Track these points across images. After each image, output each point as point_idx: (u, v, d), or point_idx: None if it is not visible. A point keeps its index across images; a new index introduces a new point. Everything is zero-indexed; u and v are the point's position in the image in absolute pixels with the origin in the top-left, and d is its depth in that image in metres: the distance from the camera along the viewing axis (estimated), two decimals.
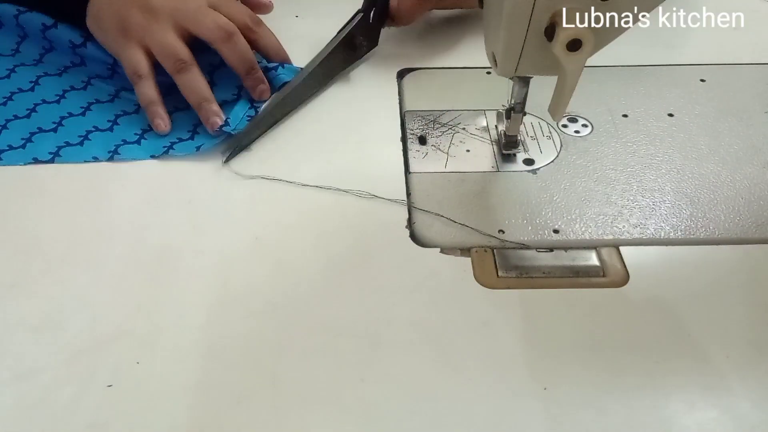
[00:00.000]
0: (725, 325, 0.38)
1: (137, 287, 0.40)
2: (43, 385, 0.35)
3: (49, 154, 0.48)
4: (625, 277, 0.40)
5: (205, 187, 0.46)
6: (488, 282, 0.40)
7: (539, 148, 0.49)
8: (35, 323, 0.38)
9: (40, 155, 0.48)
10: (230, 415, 0.34)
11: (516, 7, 0.38)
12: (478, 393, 0.35)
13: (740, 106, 0.53)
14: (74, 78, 0.54)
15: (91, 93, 0.53)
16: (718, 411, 0.34)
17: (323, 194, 0.46)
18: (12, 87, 0.53)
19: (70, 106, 0.52)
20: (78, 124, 0.50)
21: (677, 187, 0.46)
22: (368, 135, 0.50)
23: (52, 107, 0.52)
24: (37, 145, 0.48)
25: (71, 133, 0.50)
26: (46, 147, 0.48)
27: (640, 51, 0.58)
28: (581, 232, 0.43)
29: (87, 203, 0.45)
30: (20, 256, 0.42)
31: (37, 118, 0.51)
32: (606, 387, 0.35)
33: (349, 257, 0.42)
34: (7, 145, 0.48)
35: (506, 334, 0.37)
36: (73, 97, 0.53)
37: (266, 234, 0.43)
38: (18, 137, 0.49)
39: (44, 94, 0.53)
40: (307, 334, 0.37)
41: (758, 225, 0.43)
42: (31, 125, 0.50)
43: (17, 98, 0.52)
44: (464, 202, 0.45)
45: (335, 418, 0.34)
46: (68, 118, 0.51)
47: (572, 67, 0.39)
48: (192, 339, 0.37)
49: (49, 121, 0.50)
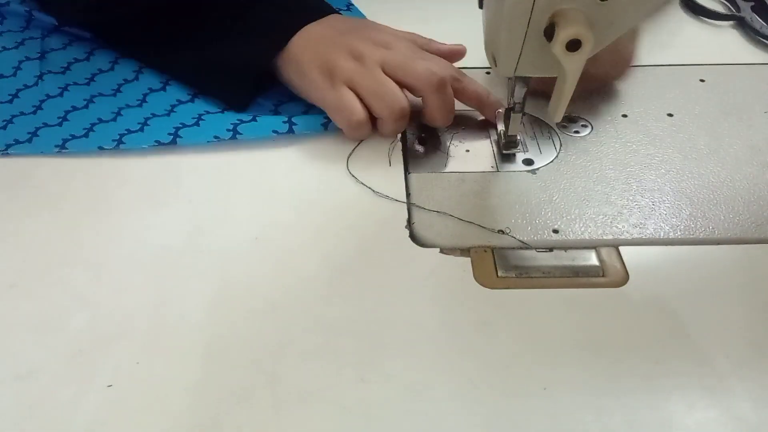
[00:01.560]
0: (725, 325, 0.38)
1: (137, 287, 0.40)
2: (43, 385, 0.35)
3: (112, 142, 0.49)
4: (625, 277, 0.40)
5: (206, 187, 0.46)
6: (488, 282, 0.40)
7: (539, 148, 0.49)
8: (35, 323, 0.38)
9: (104, 143, 0.49)
10: (230, 415, 0.34)
11: (516, 7, 0.38)
12: (478, 393, 0.35)
13: (740, 106, 0.53)
14: (126, 70, 0.55)
15: (143, 83, 0.54)
16: (717, 411, 0.34)
17: (323, 194, 0.46)
18: (68, 80, 0.54)
19: (127, 98, 0.53)
20: (136, 112, 0.51)
21: (677, 187, 0.46)
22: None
23: (109, 99, 0.53)
24: (99, 134, 0.49)
25: (131, 120, 0.50)
26: (109, 135, 0.49)
27: (640, 51, 0.58)
28: (581, 232, 0.43)
29: (87, 202, 0.45)
30: (20, 255, 0.42)
31: (95, 108, 0.52)
32: (606, 387, 0.35)
33: (349, 257, 0.42)
34: (70, 134, 0.49)
35: (506, 334, 0.37)
36: (128, 89, 0.54)
37: (266, 234, 0.43)
38: (80, 127, 0.50)
39: (100, 88, 0.54)
40: (307, 334, 0.37)
41: (758, 225, 0.43)
42: (91, 116, 0.51)
43: (73, 90, 0.54)
44: (464, 202, 0.45)
45: (335, 418, 0.34)
46: (126, 109, 0.52)
47: (572, 67, 0.39)
48: (192, 339, 0.37)
49: (108, 111, 0.51)
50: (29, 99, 0.52)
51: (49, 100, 0.52)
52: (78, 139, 0.49)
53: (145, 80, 0.54)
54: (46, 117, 0.50)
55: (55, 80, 0.54)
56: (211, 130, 0.49)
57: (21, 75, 0.54)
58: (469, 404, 0.34)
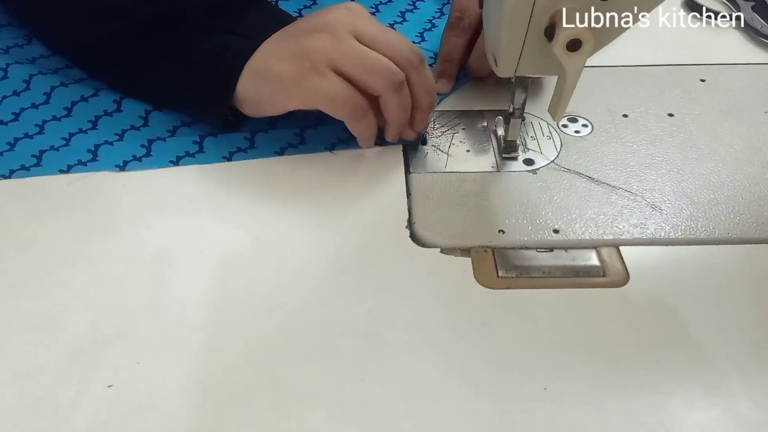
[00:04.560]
0: (726, 325, 0.38)
1: (137, 287, 0.40)
2: (43, 385, 0.35)
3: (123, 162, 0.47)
4: (625, 277, 0.40)
5: (206, 187, 0.46)
6: (488, 282, 0.40)
7: (539, 148, 0.49)
8: (35, 323, 0.38)
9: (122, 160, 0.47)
10: (230, 415, 0.34)
11: (516, 8, 0.38)
12: (478, 393, 0.35)
13: (740, 106, 0.53)
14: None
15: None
16: (718, 411, 0.34)
17: (323, 194, 0.46)
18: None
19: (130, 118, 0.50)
20: (139, 135, 0.49)
21: (677, 187, 0.46)
22: None
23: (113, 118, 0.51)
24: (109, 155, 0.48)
25: (135, 144, 0.49)
26: (117, 158, 0.48)
27: (640, 51, 0.58)
28: (581, 232, 0.43)
29: (87, 203, 0.45)
30: (20, 256, 0.42)
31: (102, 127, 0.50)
32: (606, 387, 0.35)
33: (349, 257, 0.42)
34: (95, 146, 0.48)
35: (506, 334, 0.37)
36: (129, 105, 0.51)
37: (266, 234, 0.43)
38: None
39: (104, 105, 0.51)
40: (307, 334, 0.37)
41: (758, 225, 0.43)
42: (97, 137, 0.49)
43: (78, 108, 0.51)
44: (464, 202, 0.45)
45: (335, 418, 0.34)
46: (129, 131, 0.50)
47: (572, 67, 0.39)
48: (192, 339, 0.37)
49: (112, 133, 0.49)
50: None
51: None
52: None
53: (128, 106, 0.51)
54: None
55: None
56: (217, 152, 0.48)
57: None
58: (469, 404, 0.34)
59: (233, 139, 0.49)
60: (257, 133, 0.49)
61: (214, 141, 0.49)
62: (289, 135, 0.49)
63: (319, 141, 0.49)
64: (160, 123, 0.50)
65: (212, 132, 0.49)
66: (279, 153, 0.48)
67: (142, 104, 0.51)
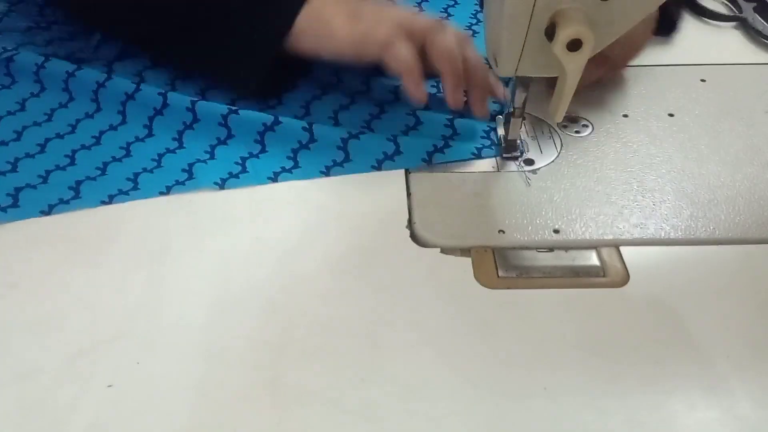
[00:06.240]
0: (726, 325, 0.38)
1: (137, 287, 0.40)
2: (43, 385, 0.35)
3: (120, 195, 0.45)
4: (626, 277, 0.40)
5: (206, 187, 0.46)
6: (488, 282, 0.40)
7: (539, 148, 0.49)
8: (35, 323, 0.38)
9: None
10: (230, 415, 0.34)
11: (516, 7, 0.38)
12: (478, 393, 0.35)
13: (740, 106, 0.53)
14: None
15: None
16: (718, 411, 0.34)
17: (323, 194, 0.46)
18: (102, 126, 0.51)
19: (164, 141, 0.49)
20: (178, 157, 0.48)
21: (677, 187, 0.46)
22: None
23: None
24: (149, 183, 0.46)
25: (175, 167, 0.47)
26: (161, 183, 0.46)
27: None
28: (581, 232, 0.43)
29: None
30: (20, 256, 0.42)
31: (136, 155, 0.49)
32: (606, 387, 0.35)
33: (349, 257, 0.42)
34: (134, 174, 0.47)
35: (506, 334, 0.37)
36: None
37: (266, 234, 0.43)
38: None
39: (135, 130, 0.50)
40: (307, 334, 0.37)
41: (758, 225, 0.43)
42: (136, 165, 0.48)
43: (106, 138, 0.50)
44: (465, 202, 0.45)
45: (335, 418, 0.34)
46: (165, 155, 0.48)
47: (572, 67, 0.39)
48: (192, 339, 0.37)
49: (148, 159, 0.48)
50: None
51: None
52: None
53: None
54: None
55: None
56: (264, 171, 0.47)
57: None
58: (469, 404, 0.34)
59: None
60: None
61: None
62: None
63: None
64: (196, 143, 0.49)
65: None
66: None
67: (174, 128, 0.49)
